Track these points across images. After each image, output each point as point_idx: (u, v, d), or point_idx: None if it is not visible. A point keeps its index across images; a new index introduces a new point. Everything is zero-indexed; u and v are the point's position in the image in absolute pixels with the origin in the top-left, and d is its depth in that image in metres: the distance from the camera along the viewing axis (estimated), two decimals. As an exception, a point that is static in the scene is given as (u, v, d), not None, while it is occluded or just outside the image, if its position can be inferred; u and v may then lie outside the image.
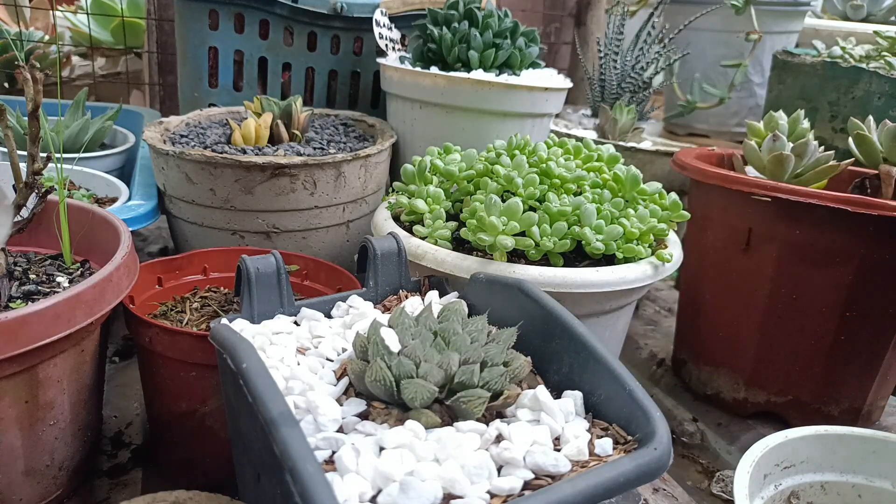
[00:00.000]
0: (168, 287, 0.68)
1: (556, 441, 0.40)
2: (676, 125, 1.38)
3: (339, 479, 0.35)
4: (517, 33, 0.94)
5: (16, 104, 1.00)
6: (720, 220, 0.76)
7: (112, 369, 0.78)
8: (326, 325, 0.50)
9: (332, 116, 1.03)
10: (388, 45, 1.00)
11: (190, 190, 0.78)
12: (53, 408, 0.51)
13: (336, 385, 0.43)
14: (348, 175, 0.80)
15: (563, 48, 1.93)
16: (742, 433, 0.76)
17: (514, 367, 0.42)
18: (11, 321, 0.44)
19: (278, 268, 0.51)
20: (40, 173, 0.57)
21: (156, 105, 1.50)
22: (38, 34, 1.45)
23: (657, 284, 0.92)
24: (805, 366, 0.73)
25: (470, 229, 0.60)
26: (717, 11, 1.20)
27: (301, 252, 0.76)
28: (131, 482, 0.62)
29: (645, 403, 0.39)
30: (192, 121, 0.94)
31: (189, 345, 0.55)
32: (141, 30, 1.50)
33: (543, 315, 0.47)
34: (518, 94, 0.87)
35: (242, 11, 0.98)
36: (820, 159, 0.75)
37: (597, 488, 0.34)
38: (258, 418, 0.36)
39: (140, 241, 1.10)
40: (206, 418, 0.58)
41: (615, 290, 0.60)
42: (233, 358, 0.40)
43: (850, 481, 0.59)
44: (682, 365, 0.86)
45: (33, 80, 0.54)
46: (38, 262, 0.61)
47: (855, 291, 0.68)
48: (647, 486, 0.67)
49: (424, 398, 0.39)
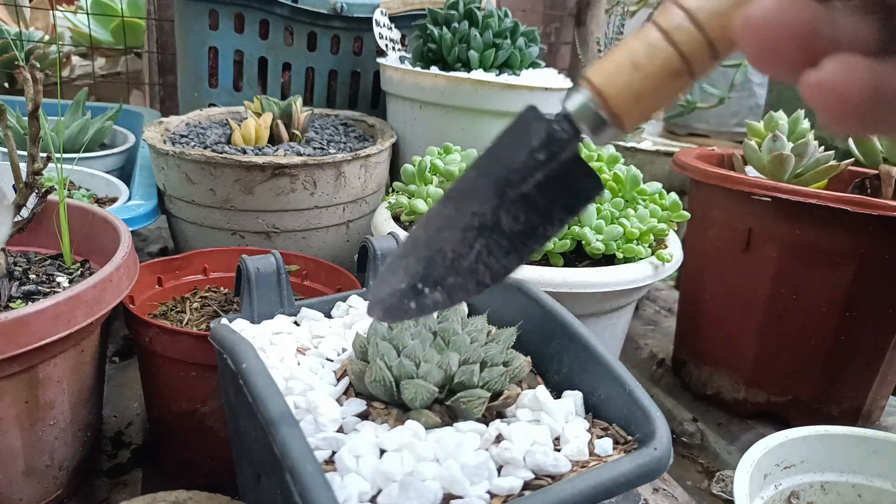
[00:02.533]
0: (168, 287, 0.68)
1: (556, 441, 0.40)
2: (676, 125, 1.38)
3: (338, 479, 0.35)
4: (517, 33, 0.94)
5: (16, 104, 1.00)
6: (720, 220, 0.76)
7: (112, 369, 0.78)
8: (326, 325, 0.50)
9: (332, 116, 1.03)
10: (388, 45, 1.00)
11: (190, 190, 0.78)
12: (53, 408, 0.51)
13: (336, 385, 0.43)
14: (348, 175, 0.80)
15: (563, 48, 1.93)
16: (742, 433, 0.76)
17: (513, 367, 0.42)
18: (11, 321, 0.44)
19: (278, 268, 0.51)
20: (40, 173, 0.57)
21: (156, 105, 1.50)
22: (38, 34, 1.45)
23: (657, 284, 0.92)
24: (805, 366, 0.73)
25: (470, 229, 0.60)
26: (717, 11, 1.20)
27: (301, 252, 0.76)
28: (131, 482, 0.62)
29: (645, 403, 0.39)
30: (192, 121, 0.94)
31: (189, 345, 0.55)
32: (141, 30, 1.50)
33: (543, 315, 0.47)
34: (518, 94, 0.87)
35: (242, 11, 0.98)
36: (820, 159, 0.75)
37: (597, 488, 0.34)
38: (258, 418, 0.36)
39: (140, 241, 1.10)
40: (206, 418, 0.58)
41: (615, 290, 0.60)
42: (233, 358, 0.40)
43: (850, 481, 0.59)
44: (682, 365, 0.86)
45: (33, 80, 0.54)
46: (38, 262, 0.61)
47: (855, 291, 0.68)
48: (647, 486, 0.67)
49: (424, 398, 0.39)
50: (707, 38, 0.24)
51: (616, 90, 0.26)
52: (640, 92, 0.26)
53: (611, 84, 0.26)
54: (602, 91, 0.26)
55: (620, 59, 0.26)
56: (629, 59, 0.25)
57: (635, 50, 0.25)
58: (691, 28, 0.24)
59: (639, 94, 0.26)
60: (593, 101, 0.27)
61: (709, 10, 0.24)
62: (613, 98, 0.26)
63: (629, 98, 0.26)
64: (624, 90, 0.26)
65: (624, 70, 0.25)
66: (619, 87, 0.26)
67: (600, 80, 0.26)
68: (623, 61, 0.26)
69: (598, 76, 0.26)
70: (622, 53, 0.26)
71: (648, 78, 0.25)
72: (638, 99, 0.26)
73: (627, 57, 0.26)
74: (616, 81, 0.26)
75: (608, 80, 0.26)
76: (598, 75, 0.26)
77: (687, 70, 0.25)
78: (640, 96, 0.26)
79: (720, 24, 0.24)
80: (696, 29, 0.24)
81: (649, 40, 0.25)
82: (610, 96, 0.26)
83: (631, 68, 0.25)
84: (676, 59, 0.25)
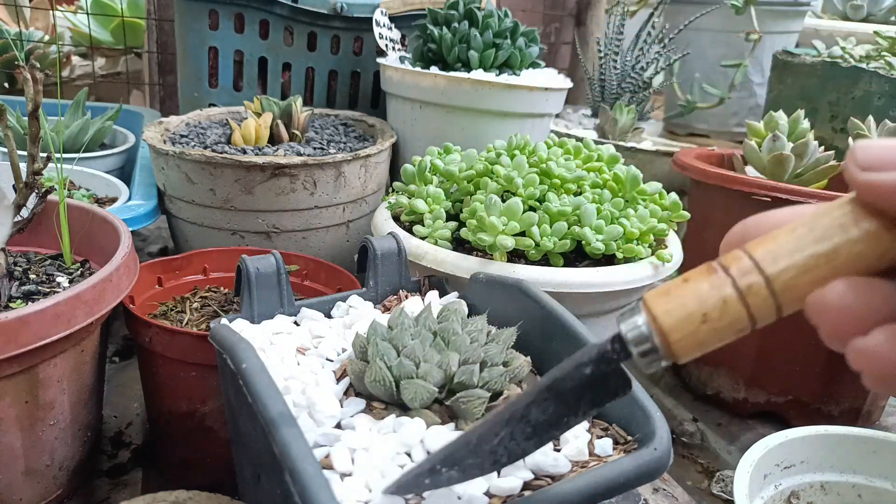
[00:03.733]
0: (168, 287, 0.68)
1: (556, 441, 0.40)
2: (676, 125, 1.38)
3: (338, 478, 0.35)
4: (517, 33, 0.94)
5: (16, 104, 1.00)
6: (720, 220, 0.76)
7: (112, 369, 0.78)
8: (326, 325, 0.50)
9: (332, 116, 1.03)
10: (388, 45, 1.00)
11: (190, 190, 0.78)
12: (53, 408, 0.51)
13: (336, 385, 0.43)
14: (348, 175, 0.80)
15: (563, 48, 1.93)
16: (742, 433, 0.76)
17: (513, 367, 0.42)
18: (11, 321, 0.44)
19: (278, 268, 0.51)
20: (40, 173, 0.57)
21: (156, 105, 1.50)
22: (38, 34, 1.45)
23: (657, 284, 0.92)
24: (805, 366, 0.73)
25: (470, 229, 0.60)
26: (717, 11, 1.20)
27: (301, 252, 0.76)
28: (131, 482, 0.62)
29: (645, 403, 0.39)
30: (192, 121, 0.94)
31: (189, 345, 0.55)
32: (141, 30, 1.50)
33: (543, 315, 0.47)
34: (518, 94, 0.87)
35: (242, 11, 0.98)
36: (820, 159, 0.75)
37: (597, 488, 0.34)
38: (258, 418, 0.36)
39: (140, 241, 1.10)
40: (206, 418, 0.58)
41: (615, 291, 0.60)
42: (232, 358, 0.40)
43: (850, 481, 0.59)
44: (682, 365, 0.86)
45: (33, 80, 0.54)
46: (38, 262, 0.61)
47: (855, 291, 0.68)
48: (647, 486, 0.67)
49: (424, 398, 0.39)
50: (778, 304, 0.25)
51: (681, 336, 0.26)
52: (704, 342, 0.26)
53: (676, 329, 0.26)
54: (667, 334, 0.26)
55: (690, 305, 0.26)
56: (700, 309, 0.25)
57: (707, 301, 0.25)
58: (766, 294, 0.25)
59: (702, 344, 0.26)
60: (654, 335, 0.27)
61: (785, 281, 0.25)
62: (677, 343, 0.26)
63: (691, 345, 0.26)
64: (689, 337, 0.26)
65: (693, 320, 0.26)
66: (685, 334, 0.26)
67: (667, 322, 0.26)
68: (693, 310, 0.26)
69: (664, 315, 0.26)
70: (692, 299, 0.26)
71: (716, 332, 0.26)
72: (700, 346, 0.26)
73: (698, 307, 0.25)
74: (683, 328, 0.26)
75: (675, 324, 0.26)
76: (664, 314, 0.26)
77: (751, 327, 0.26)
78: (703, 345, 0.26)
79: (793, 296, 0.25)
80: (770, 296, 0.25)
81: (723, 295, 0.25)
82: (674, 340, 0.26)
83: (700, 320, 0.25)
84: (746, 319, 0.25)
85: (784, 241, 0.25)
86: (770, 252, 0.25)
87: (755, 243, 0.26)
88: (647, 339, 0.27)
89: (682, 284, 0.26)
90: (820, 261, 0.24)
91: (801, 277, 0.24)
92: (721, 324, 0.25)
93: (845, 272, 0.24)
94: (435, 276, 0.59)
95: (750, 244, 0.26)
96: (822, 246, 0.24)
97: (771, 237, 0.26)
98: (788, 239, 0.25)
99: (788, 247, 0.25)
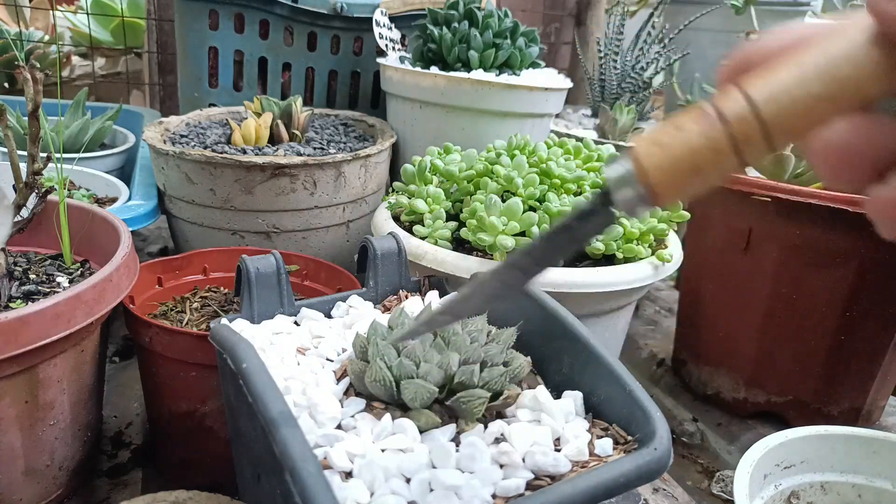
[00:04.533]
0: (168, 287, 0.68)
1: (557, 441, 0.40)
2: (676, 125, 1.38)
3: (338, 478, 0.35)
4: (517, 33, 0.94)
5: (16, 104, 1.00)
6: (720, 220, 0.76)
7: (112, 369, 0.78)
8: (326, 325, 0.50)
9: (332, 116, 1.03)
10: (388, 45, 1.00)
11: (190, 190, 0.78)
12: (53, 408, 0.51)
13: (336, 385, 0.43)
14: (348, 175, 0.80)
15: (563, 48, 1.93)
16: (742, 433, 0.76)
17: (513, 367, 0.42)
18: (11, 321, 0.44)
19: (278, 268, 0.51)
20: (40, 173, 0.57)
21: (156, 105, 1.50)
22: (38, 34, 1.45)
23: (657, 284, 0.92)
24: (805, 366, 0.73)
25: (470, 229, 0.60)
26: (717, 11, 1.20)
27: (301, 252, 0.76)
28: (131, 482, 0.62)
29: (645, 403, 0.39)
30: (192, 121, 0.94)
31: (189, 345, 0.55)
32: (141, 30, 1.50)
33: (544, 315, 0.47)
34: (518, 94, 0.87)
35: (242, 11, 0.98)
36: (820, 159, 0.75)
37: (597, 488, 0.34)
38: (258, 418, 0.36)
39: (140, 241, 1.10)
40: (206, 418, 0.58)
41: (615, 291, 0.60)
42: (233, 358, 0.40)
43: (850, 481, 0.59)
44: (682, 365, 0.86)
45: (33, 80, 0.54)
46: (38, 262, 0.61)
47: (855, 291, 0.68)
48: (647, 486, 0.67)
49: (424, 398, 0.39)
50: (770, 143, 0.23)
51: (657, 162, 0.24)
52: (682, 171, 0.24)
53: (649, 155, 0.25)
54: (641, 159, 0.25)
55: (675, 146, 0.24)
56: (685, 144, 0.24)
57: (694, 143, 0.24)
58: (759, 138, 0.23)
59: (682, 173, 0.24)
60: (634, 173, 0.25)
61: (781, 123, 0.23)
62: (655, 174, 0.25)
63: (670, 179, 0.24)
64: (668, 170, 0.24)
65: (674, 150, 0.24)
66: (659, 160, 0.24)
67: (642, 150, 0.25)
68: (670, 134, 0.24)
69: (643, 148, 0.25)
70: (678, 141, 0.24)
71: (694, 155, 0.24)
72: (679, 176, 0.24)
73: (684, 146, 0.24)
74: (659, 157, 0.24)
75: (647, 151, 0.25)
76: (642, 146, 0.25)
77: (734, 154, 0.24)
78: (683, 173, 0.24)
79: (789, 134, 0.23)
80: (763, 140, 0.23)
81: (707, 126, 0.24)
82: (651, 168, 0.25)
83: (685, 154, 0.24)
84: (726, 142, 0.24)
85: (785, 74, 0.23)
86: (768, 88, 0.23)
87: (754, 77, 0.24)
88: (629, 179, 0.25)
89: (668, 124, 0.25)
90: (822, 100, 0.22)
91: (800, 118, 0.23)
92: (706, 160, 0.24)
93: (849, 111, 0.22)
94: (435, 276, 0.59)
95: (746, 80, 0.24)
96: (826, 85, 0.22)
97: (771, 70, 0.23)
98: (790, 73, 0.23)
99: (789, 82, 0.23)
